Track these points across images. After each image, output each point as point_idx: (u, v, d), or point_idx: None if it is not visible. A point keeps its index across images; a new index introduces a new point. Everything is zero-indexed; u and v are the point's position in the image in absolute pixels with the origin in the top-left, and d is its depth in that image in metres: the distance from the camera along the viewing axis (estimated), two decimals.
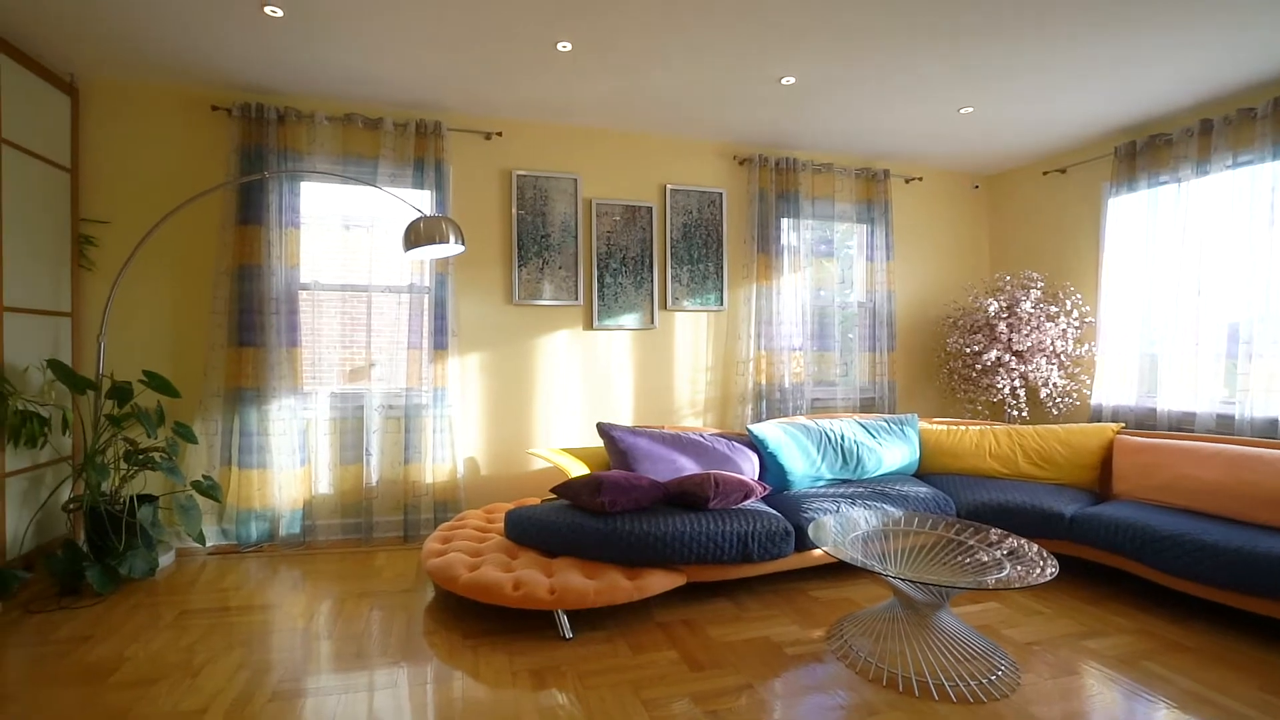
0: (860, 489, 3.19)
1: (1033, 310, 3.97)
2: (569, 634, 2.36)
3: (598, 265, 3.88)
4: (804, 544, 2.73)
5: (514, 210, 3.73)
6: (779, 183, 4.16)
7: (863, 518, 2.71)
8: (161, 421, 2.92)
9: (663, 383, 4.05)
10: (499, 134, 3.70)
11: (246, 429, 3.22)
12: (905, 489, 3.19)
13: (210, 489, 2.95)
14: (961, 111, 3.63)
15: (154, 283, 3.27)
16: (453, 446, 3.55)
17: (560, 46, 2.87)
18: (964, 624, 2.28)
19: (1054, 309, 4.00)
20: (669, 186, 4.02)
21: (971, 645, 2.21)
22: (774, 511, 2.83)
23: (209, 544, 3.29)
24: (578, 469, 3.15)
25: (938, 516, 2.73)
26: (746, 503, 2.84)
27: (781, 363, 4.10)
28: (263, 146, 3.25)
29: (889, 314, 4.38)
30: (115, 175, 3.22)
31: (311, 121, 3.34)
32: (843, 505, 2.93)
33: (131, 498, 2.89)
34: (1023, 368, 3.99)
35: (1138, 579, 2.98)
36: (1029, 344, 3.95)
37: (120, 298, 3.21)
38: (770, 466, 3.26)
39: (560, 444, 3.86)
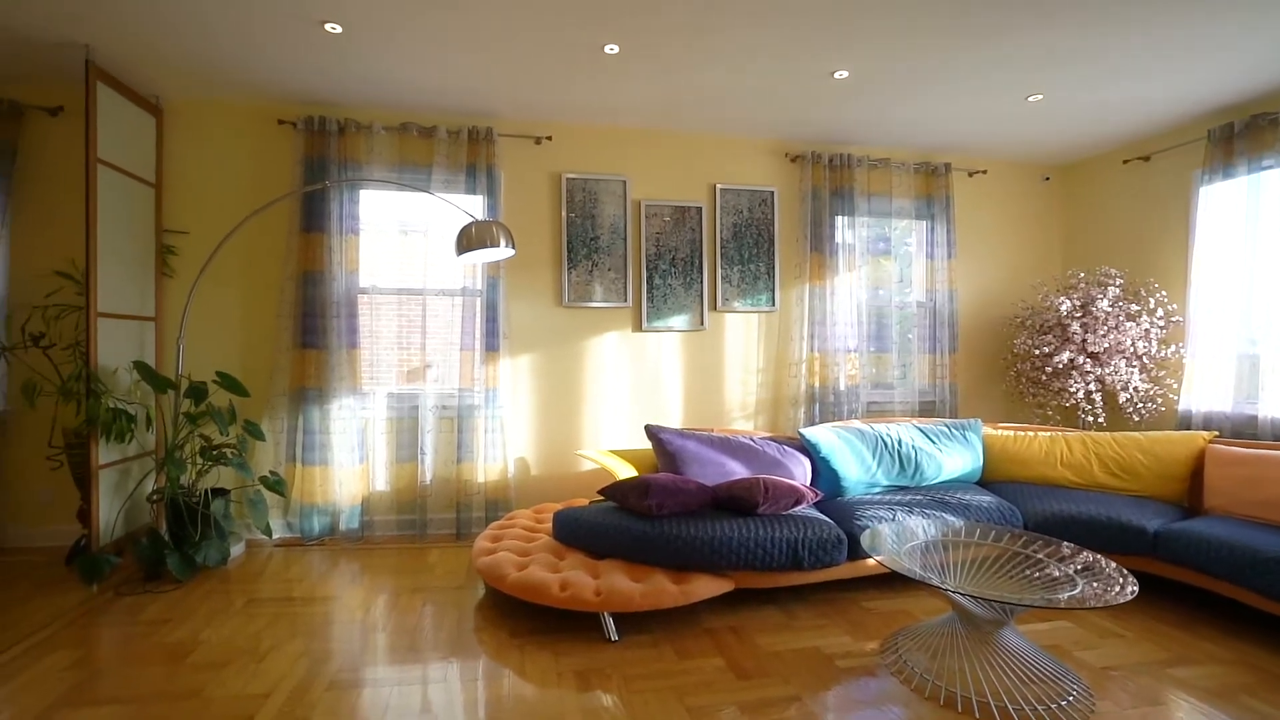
0: (918, 497, 3.05)
1: (1110, 309, 3.70)
2: (614, 636, 2.35)
3: (647, 267, 3.87)
4: (857, 553, 2.64)
5: (563, 213, 3.76)
6: (832, 180, 4.04)
7: (921, 527, 2.59)
8: (233, 419, 3.09)
9: (712, 385, 4.00)
10: (548, 138, 3.75)
11: (309, 427, 3.37)
12: (967, 497, 3.03)
13: (276, 484, 3.10)
14: (1030, 99, 3.43)
15: (227, 288, 3.46)
16: (504, 446, 3.61)
17: (608, 49, 2.87)
18: (1030, 643, 2.14)
19: (1135, 307, 3.73)
20: (719, 186, 3.97)
21: (1039, 666, 2.07)
22: (826, 518, 2.74)
23: (275, 536, 3.46)
24: (625, 471, 3.15)
25: (1003, 528, 2.58)
26: (797, 509, 2.76)
27: (836, 364, 3.98)
28: (324, 157, 3.40)
29: (950, 314, 4.19)
30: (193, 188, 3.44)
31: (369, 132, 3.47)
32: (899, 513, 2.81)
33: (206, 491, 3.07)
34: (1099, 370, 3.73)
35: (1232, 603, 2.72)
36: (1106, 345, 3.69)
37: (196, 303, 3.42)
38: (823, 472, 3.16)
39: (609, 446, 3.87)
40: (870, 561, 2.69)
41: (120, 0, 2.50)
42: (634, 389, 3.90)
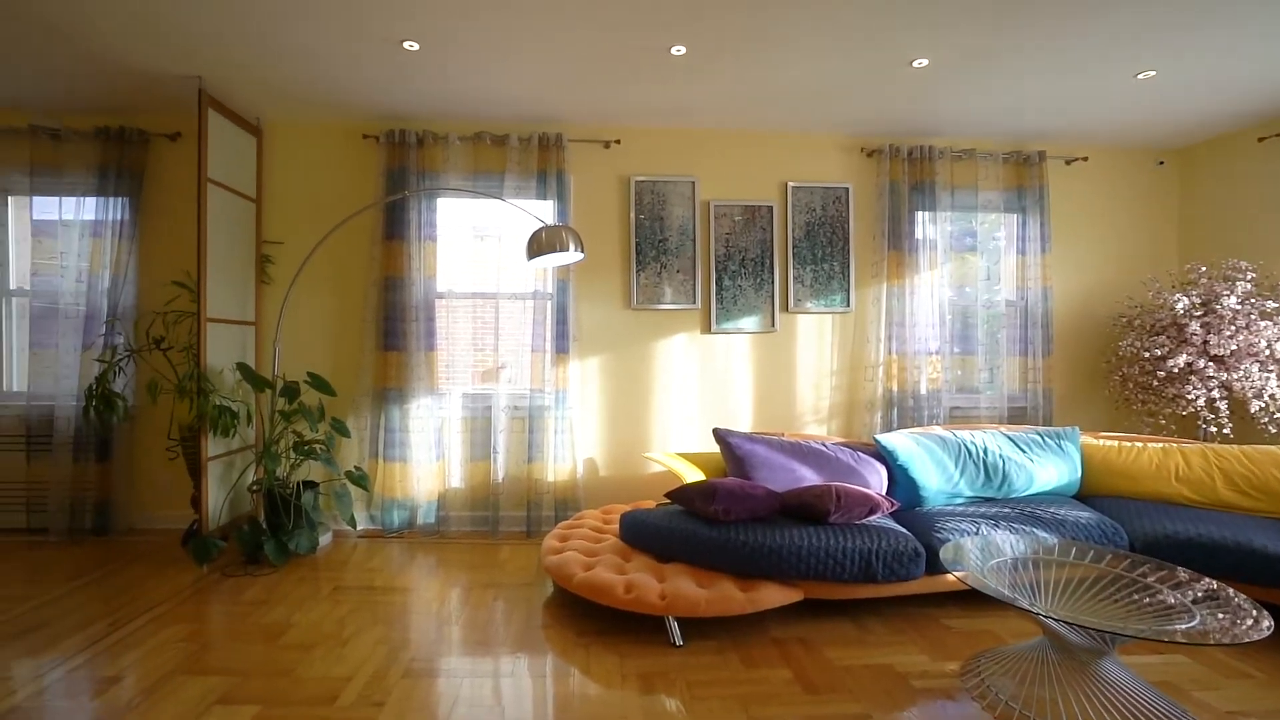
0: (1006, 510, 2.84)
1: (1239, 306, 3.32)
2: (679, 641, 2.33)
3: (716, 268, 3.82)
4: (936, 567, 2.48)
5: (632, 215, 3.78)
6: (912, 173, 3.84)
7: (1008, 543, 2.41)
8: (322, 417, 3.30)
9: (783, 388, 3.89)
10: (617, 141, 3.77)
11: (390, 425, 3.55)
12: (1062, 512, 2.79)
13: (360, 479, 3.28)
14: (1139, 77, 3.13)
15: (317, 294, 3.71)
16: (573, 447, 3.66)
17: (675, 50, 2.86)
18: (1136, 677, 1.94)
19: (1271, 304, 3.32)
20: (790, 184, 3.87)
21: (1145, 703, 1.87)
22: (902, 529, 2.60)
23: (359, 528, 3.66)
24: (693, 475, 3.12)
25: (1104, 548, 2.36)
26: (871, 518, 2.64)
27: (916, 367, 3.78)
28: (404, 168, 3.57)
29: (1044, 313, 3.88)
30: (288, 201, 3.71)
31: (446, 142, 3.62)
32: (984, 527, 2.63)
33: (299, 483, 3.30)
34: (1225, 375, 3.35)
35: None
36: (1234, 347, 3.30)
37: (290, 308, 3.67)
38: (900, 480, 3.01)
39: (677, 448, 3.85)
40: (950, 577, 2.53)
41: (227, 36, 2.73)
42: (702, 392, 3.86)
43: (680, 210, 3.82)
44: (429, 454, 3.60)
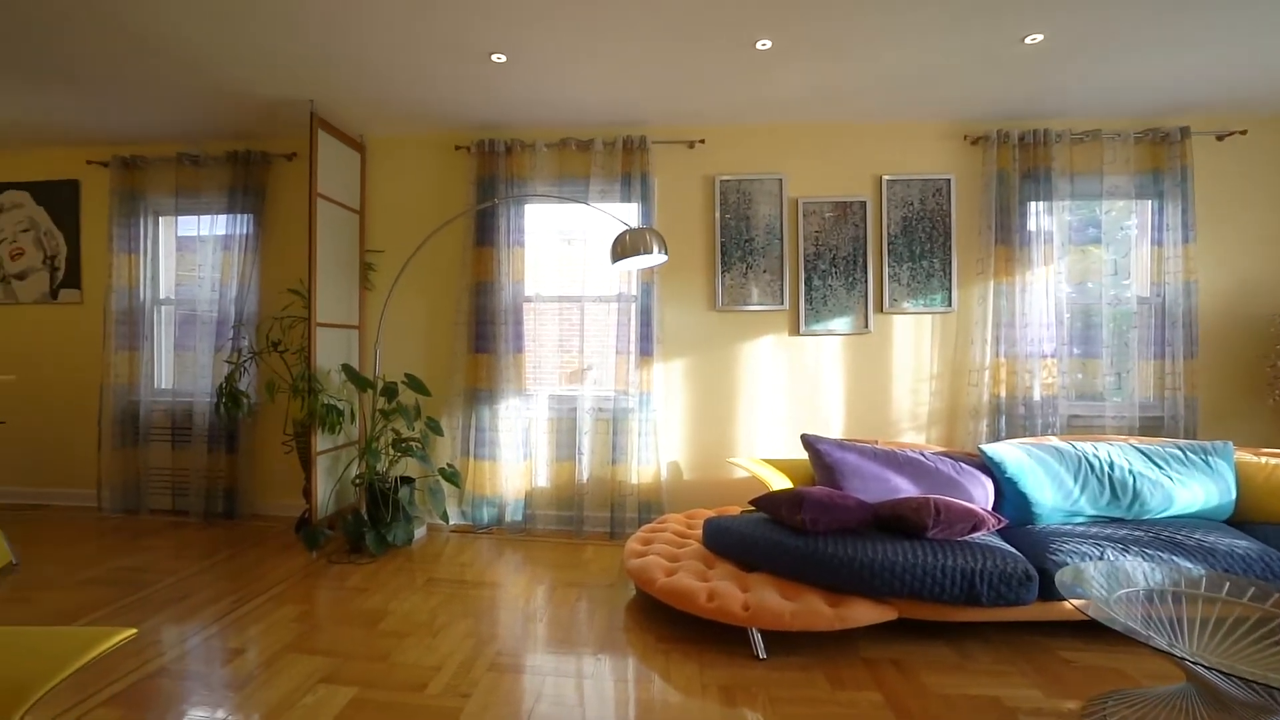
0: (1138, 533, 2.53)
1: None
2: (763, 654, 2.25)
3: (805, 267, 3.68)
4: (1051, 592, 2.25)
5: (717, 216, 3.71)
6: (1023, 160, 3.52)
7: (1141, 571, 2.14)
8: (418, 416, 3.47)
9: (877, 393, 3.69)
10: (701, 141, 3.72)
11: (481, 425, 3.68)
12: (1211, 539, 2.45)
13: (452, 476, 3.42)
14: None
15: (413, 299, 3.91)
16: (656, 450, 3.64)
17: (759, 45, 2.77)
18: None
19: None
20: (885, 178, 3.66)
21: None
22: (1011, 549, 2.38)
23: (451, 523, 3.82)
24: (779, 481, 3.01)
25: (1268, 584, 2.04)
26: (975, 535, 2.43)
27: (1027, 371, 3.46)
28: (494, 176, 3.69)
29: (1187, 310, 3.43)
30: (388, 212, 3.94)
31: (533, 150, 3.71)
32: (1109, 551, 2.35)
33: (396, 478, 3.48)
34: None
35: None
36: None
37: (389, 312, 3.89)
38: (1008, 495, 2.76)
39: (762, 454, 3.74)
40: (1068, 605, 2.28)
41: (336, 61, 2.94)
42: (790, 395, 3.72)
43: (767, 209, 3.71)
44: (517, 453, 3.70)
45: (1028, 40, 2.73)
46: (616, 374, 3.68)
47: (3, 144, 4.12)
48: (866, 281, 3.66)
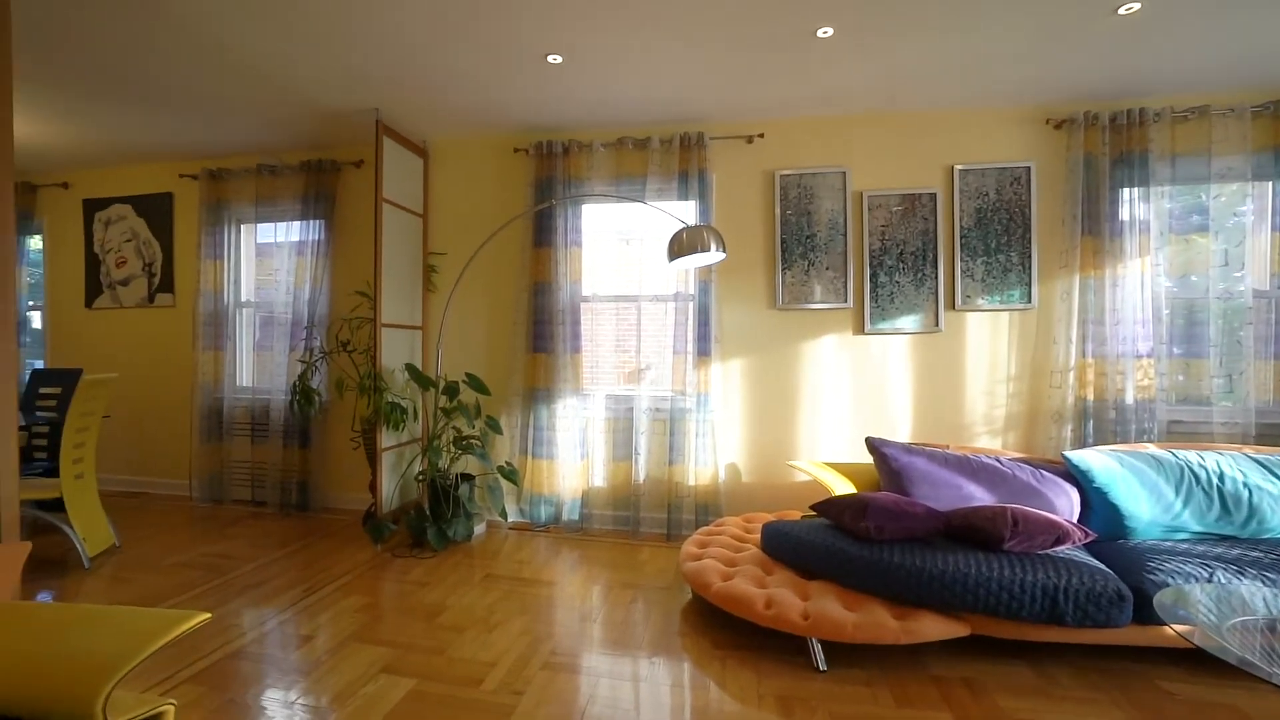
0: (1255, 553, 2.27)
1: None
2: (823, 665, 2.16)
3: (870, 263, 3.53)
4: (1148, 615, 2.04)
5: (777, 212, 3.61)
6: (1114, 143, 3.25)
7: (1261, 596, 1.91)
8: (478, 414, 3.54)
9: (948, 395, 3.49)
10: (760, 135, 3.63)
11: (539, 424, 3.71)
12: None
13: (511, 474, 3.47)
14: None
15: (474, 300, 3.99)
16: (714, 451, 3.57)
17: (820, 33, 2.67)
18: None
19: None
20: (957, 167, 3.46)
21: None
22: (1101, 566, 2.18)
23: (510, 520, 3.87)
24: (841, 486, 2.89)
25: None
26: (1059, 549, 2.25)
27: (1119, 373, 3.19)
28: (552, 177, 3.72)
29: None
30: (450, 215, 4.03)
31: (590, 150, 3.71)
32: (1220, 573, 2.12)
33: (457, 475, 3.56)
34: None
35: None
36: None
37: (451, 313, 3.99)
38: (1096, 506, 2.54)
39: (824, 457, 3.60)
40: (1169, 630, 2.07)
41: (399, 71, 3.04)
42: (854, 397, 3.58)
43: (829, 203, 3.58)
44: (574, 453, 3.71)
45: (1121, 10, 2.51)
46: (674, 374, 3.64)
47: (110, 162, 4.49)
48: (937, 278, 3.47)
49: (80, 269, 4.73)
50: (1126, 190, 3.24)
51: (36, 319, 4.95)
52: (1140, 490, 2.48)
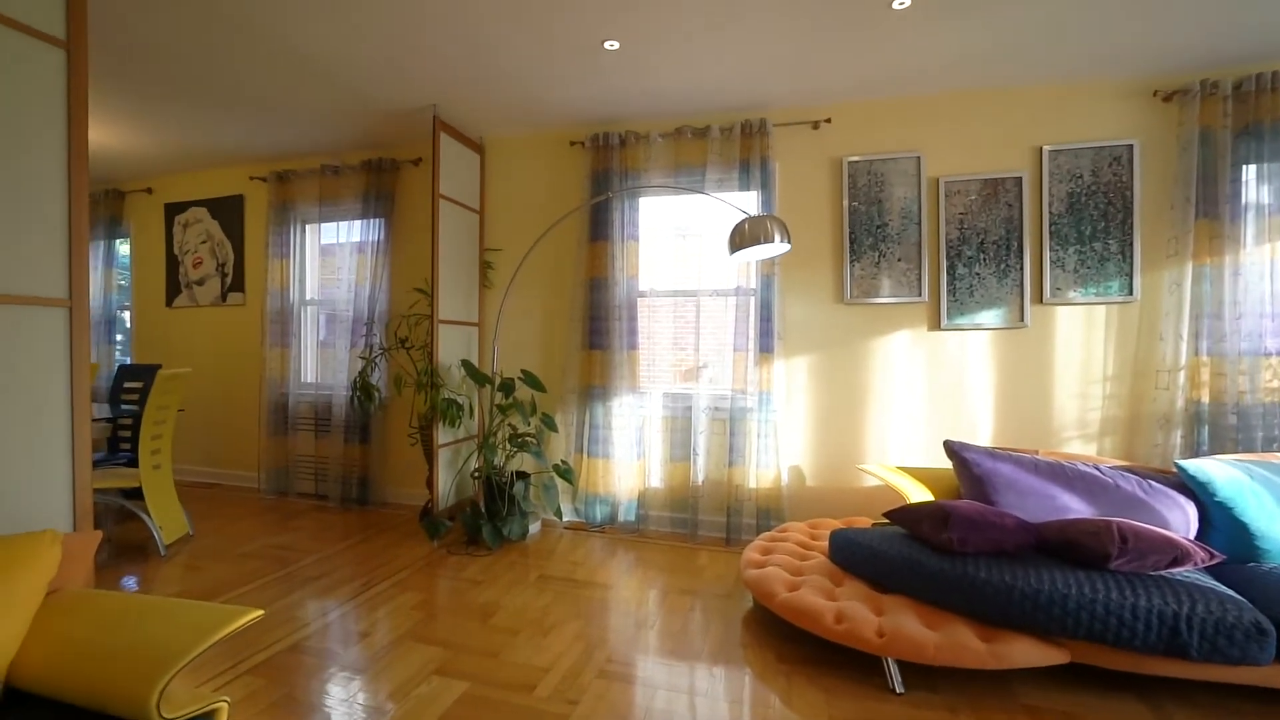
0: None
1: None
2: (899, 688, 1.98)
3: (947, 254, 3.28)
4: None
5: (845, 201, 3.41)
6: (1238, 115, 2.90)
7: None
8: (533, 412, 3.49)
9: (1034, 396, 3.20)
10: (827, 120, 3.44)
11: (594, 422, 3.63)
12: None
13: (566, 472, 3.40)
14: None
15: (530, 296, 3.95)
16: (776, 453, 3.41)
17: (896, 5, 2.48)
18: None
19: None
20: (1046, 148, 3.17)
21: None
22: (1231, 592, 1.91)
23: (565, 519, 3.81)
24: (918, 493, 2.68)
25: None
26: (1177, 570, 1.99)
27: (1240, 373, 2.84)
28: (608, 170, 3.64)
29: None
30: (505, 210, 4.01)
31: (647, 141, 3.61)
32: None
33: (513, 473, 3.52)
34: None
35: None
36: None
37: (506, 309, 3.96)
38: (1218, 523, 2.25)
39: (894, 461, 3.38)
40: None
41: (455, 65, 3.02)
42: (928, 397, 3.34)
43: (902, 190, 3.35)
44: (630, 452, 3.62)
45: None
46: (734, 372, 3.49)
47: (187, 167, 4.70)
48: (1022, 269, 3.19)
49: (161, 270, 4.97)
50: (1250, 168, 2.89)
51: (128, 319, 5.24)
52: (1274, 506, 2.18)
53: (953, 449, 2.65)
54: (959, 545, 2.11)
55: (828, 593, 2.31)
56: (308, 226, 4.50)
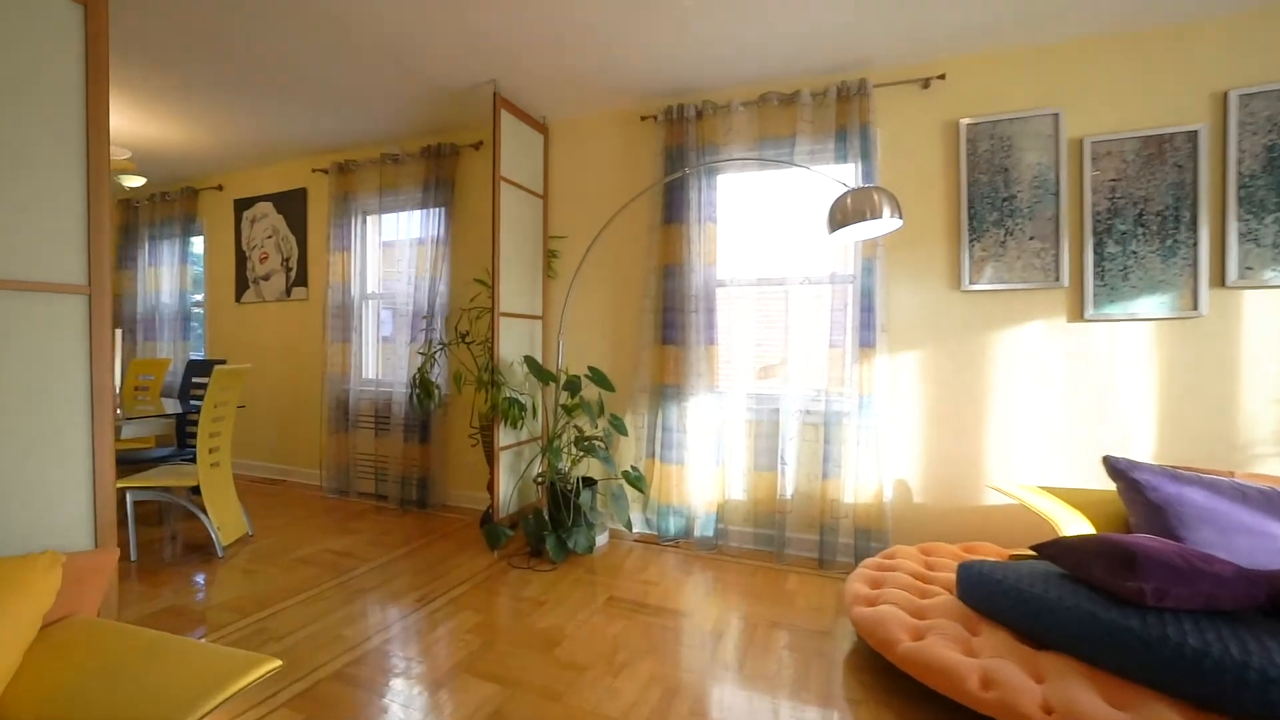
0: None
1: None
2: None
3: (1094, 230, 2.73)
4: None
5: (962, 170, 2.90)
6: None
7: None
8: (601, 413, 3.16)
9: (1214, 401, 2.60)
10: (940, 77, 2.93)
11: (668, 424, 3.26)
12: None
13: (636, 480, 3.05)
14: None
15: (597, 287, 3.62)
16: (879, 464, 2.94)
17: None
18: None
19: None
20: (1232, 93, 2.56)
21: None
22: None
23: (635, 531, 3.46)
24: (1070, 520, 2.18)
25: None
26: None
27: None
28: (683, 146, 3.26)
29: None
30: (571, 194, 3.69)
31: (727, 111, 3.21)
32: None
33: (579, 479, 3.20)
34: None
35: None
36: None
37: (572, 301, 3.65)
38: None
39: (1022, 477, 2.85)
40: None
41: (517, 34, 2.75)
42: (1067, 401, 2.79)
43: (1034, 155, 2.81)
44: (708, 458, 3.23)
45: None
46: (829, 370, 3.05)
47: (252, 162, 4.65)
48: (1196, 244, 2.59)
49: (231, 266, 4.97)
50: None
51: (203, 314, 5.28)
52: None
53: (1119, 467, 2.14)
54: (1155, 599, 1.61)
55: (963, 644, 1.87)
56: (368, 218, 4.35)
